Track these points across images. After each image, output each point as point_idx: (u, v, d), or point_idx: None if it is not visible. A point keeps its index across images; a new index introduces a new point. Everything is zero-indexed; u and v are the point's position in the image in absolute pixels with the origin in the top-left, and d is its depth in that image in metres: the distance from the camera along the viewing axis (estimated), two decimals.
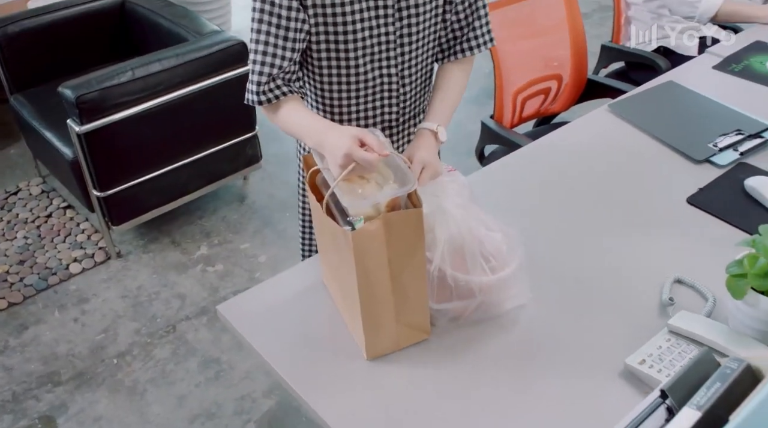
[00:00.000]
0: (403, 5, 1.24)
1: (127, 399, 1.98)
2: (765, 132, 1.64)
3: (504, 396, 1.07)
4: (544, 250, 1.32)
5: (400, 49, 1.29)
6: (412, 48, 1.30)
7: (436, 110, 1.31)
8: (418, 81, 1.36)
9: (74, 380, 2.05)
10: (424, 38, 1.31)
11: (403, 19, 1.25)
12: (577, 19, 2.21)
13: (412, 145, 1.25)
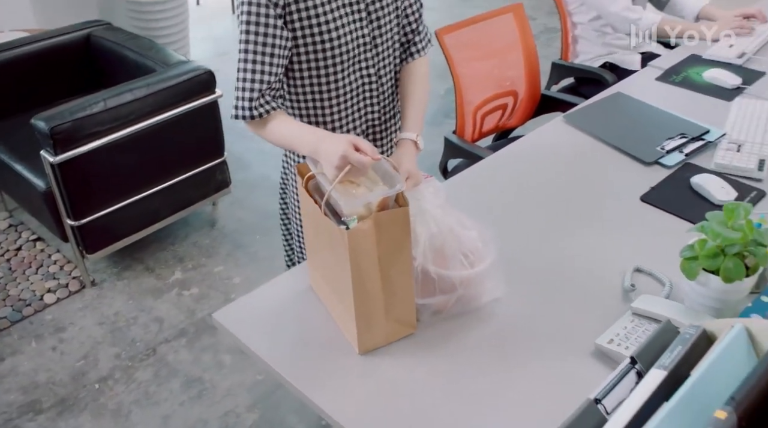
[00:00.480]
0: (371, 9, 1.37)
1: (111, 422, 2.01)
2: (706, 135, 1.79)
3: (487, 380, 1.16)
4: (514, 249, 1.42)
5: (374, 50, 1.41)
6: (384, 48, 1.43)
7: (411, 119, 1.43)
8: (391, 81, 1.48)
9: (56, 407, 2.06)
10: (391, 38, 1.44)
11: (373, 21, 1.38)
12: (529, 40, 2.36)
13: (397, 155, 1.36)
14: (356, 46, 1.38)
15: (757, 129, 1.81)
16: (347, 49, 1.36)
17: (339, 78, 1.39)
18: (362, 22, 1.37)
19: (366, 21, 1.37)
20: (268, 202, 2.96)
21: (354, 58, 1.39)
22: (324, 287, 1.30)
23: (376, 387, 1.16)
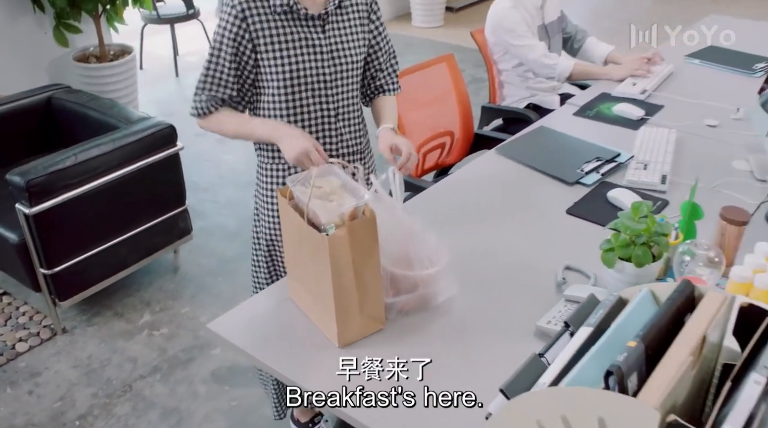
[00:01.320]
0: (334, 51, 1.65)
1: None
2: (617, 157, 2.09)
3: (448, 364, 1.36)
4: (464, 254, 1.65)
5: (335, 89, 1.67)
6: (345, 88, 1.70)
7: (387, 117, 1.75)
8: (351, 119, 1.74)
9: None
10: (352, 80, 1.71)
11: (335, 64, 1.65)
12: (461, 86, 2.65)
13: (385, 138, 1.67)
14: (317, 82, 1.65)
15: (659, 151, 2.11)
16: (308, 84, 1.64)
17: (302, 110, 1.67)
18: (324, 62, 1.63)
19: (329, 63, 1.63)
20: (226, 248, 3.14)
21: (315, 92, 1.65)
22: (303, 294, 1.49)
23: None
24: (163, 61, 5.40)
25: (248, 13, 1.60)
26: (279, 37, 1.62)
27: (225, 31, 1.61)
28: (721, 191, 1.94)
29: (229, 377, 2.40)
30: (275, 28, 1.62)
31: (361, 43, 1.72)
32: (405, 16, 6.28)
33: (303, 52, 1.63)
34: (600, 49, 2.96)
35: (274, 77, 1.64)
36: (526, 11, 2.79)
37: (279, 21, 1.62)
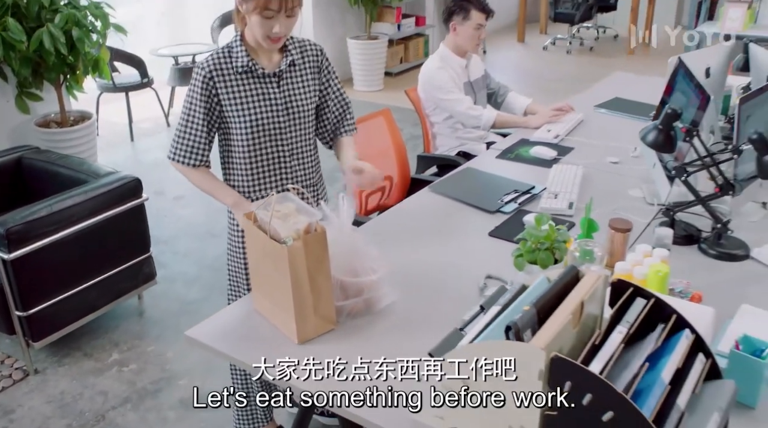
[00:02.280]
0: (288, 103, 1.98)
1: None
2: (532, 190, 2.44)
3: (391, 353, 1.64)
4: (403, 269, 1.94)
5: (289, 134, 1.99)
6: (298, 134, 2.02)
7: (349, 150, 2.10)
8: (304, 158, 2.05)
9: None
10: (305, 126, 2.04)
11: (289, 113, 1.98)
12: (398, 137, 3.00)
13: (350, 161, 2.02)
14: (272, 129, 1.97)
15: (568, 184, 2.47)
16: (266, 131, 1.96)
17: (261, 152, 1.99)
18: (279, 112, 1.95)
19: (283, 113, 1.95)
20: (187, 292, 3.36)
21: (271, 138, 1.97)
22: (266, 303, 1.76)
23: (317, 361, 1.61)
24: (118, 127, 5.66)
25: (215, 73, 1.91)
26: (241, 93, 1.94)
27: (196, 88, 1.92)
28: (618, 213, 2.29)
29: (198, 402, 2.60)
30: (237, 85, 1.93)
31: (312, 94, 2.04)
32: (347, 80, 6.71)
33: (261, 104, 1.95)
34: (520, 101, 3.37)
35: (237, 126, 1.95)
36: (453, 70, 3.18)
37: (241, 79, 1.94)
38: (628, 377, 1.23)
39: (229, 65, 1.94)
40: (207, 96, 1.92)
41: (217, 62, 1.93)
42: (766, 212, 2.35)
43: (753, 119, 2.16)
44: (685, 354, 1.33)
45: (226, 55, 1.95)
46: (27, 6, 3.69)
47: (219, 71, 1.92)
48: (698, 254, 2.10)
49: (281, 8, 1.83)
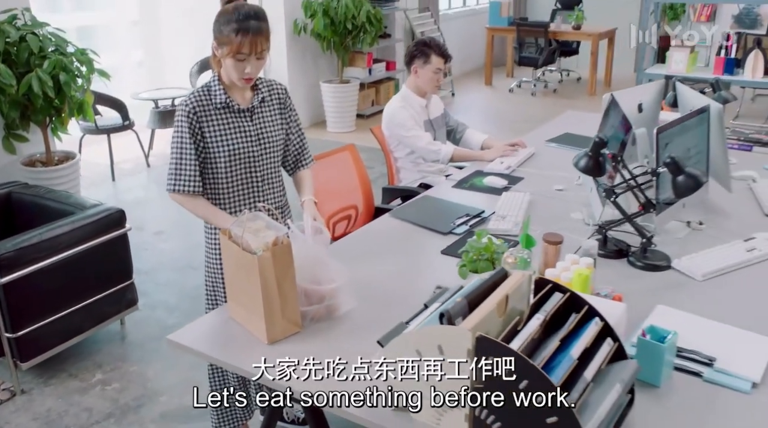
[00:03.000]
0: (260, 135, 2.25)
1: None
2: (482, 214, 2.70)
3: (352, 355, 1.87)
4: (362, 281, 2.18)
5: (261, 162, 2.24)
6: (269, 162, 2.27)
7: (307, 189, 2.34)
8: (273, 183, 2.30)
9: None
10: (274, 156, 2.30)
11: (261, 144, 2.24)
12: (362, 170, 3.26)
13: (310, 211, 2.22)
14: (246, 159, 2.21)
15: (515, 208, 2.73)
16: (241, 160, 2.20)
17: (236, 179, 2.23)
18: (252, 144, 2.20)
19: (256, 144, 2.20)
20: (167, 318, 3.56)
21: (246, 165, 2.21)
22: (240, 310, 1.98)
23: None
24: (100, 168, 5.88)
25: (197, 109, 2.16)
26: (220, 126, 2.18)
27: (183, 123, 2.15)
28: (560, 232, 2.55)
29: (176, 416, 2.79)
30: (216, 119, 2.18)
31: (279, 127, 2.31)
32: (320, 122, 7.01)
33: (237, 136, 2.20)
34: (477, 137, 3.66)
35: (216, 155, 2.18)
36: (413, 109, 3.47)
37: (219, 114, 2.19)
38: (544, 355, 1.47)
39: (209, 102, 2.19)
40: (192, 129, 2.16)
41: (198, 100, 2.19)
42: (690, 230, 2.62)
43: (671, 146, 2.44)
44: (593, 336, 1.57)
45: (205, 93, 2.21)
46: (17, 52, 3.94)
47: (200, 107, 2.18)
48: (627, 266, 2.36)
49: (251, 52, 2.10)
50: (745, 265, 2.33)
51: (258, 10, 2.14)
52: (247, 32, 2.07)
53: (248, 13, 2.09)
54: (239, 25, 2.07)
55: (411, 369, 1.52)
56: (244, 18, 2.08)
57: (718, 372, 1.74)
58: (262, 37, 2.11)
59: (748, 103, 7.80)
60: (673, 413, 1.64)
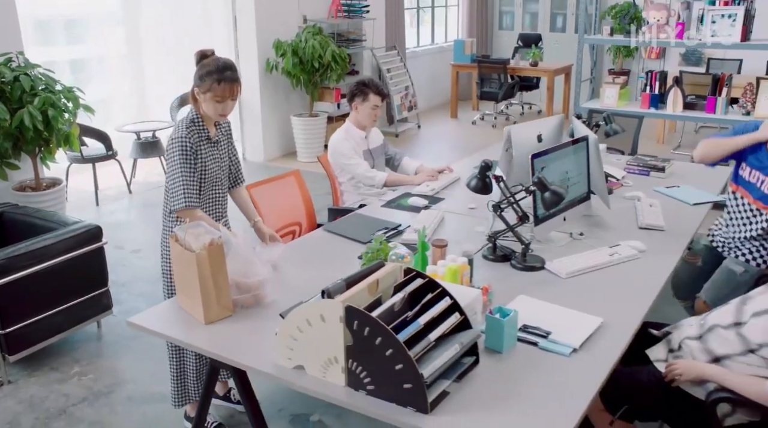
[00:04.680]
0: (223, 162, 2.80)
1: None
2: (398, 227, 3.23)
3: (270, 331, 2.37)
4: (291, 279, 2.70)
5: (222, 183, 2.82)
6: (225, 183, 2.85)
7: (251, 212, 2.93)
8: (225, 200, 2.86)
9: None
10: (226, 177, 2.86)
11: (222, 169, 2.81)
12: (305, 191, 3.79)
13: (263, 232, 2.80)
14: (217, 180, 2.78)
15: (428, 222, 3.27)
16: (211, 179, 2.76)
17: (209, 195, 2.80)
18: (221, 168, 2.78)
19: (220, 169, 2.77)
20: None
21: (214, 185, 2.80)
22: (185, 298, 2.49)
23: (218, 334, 2.34)
24: (85, 194, 6.40)
25: (194, 140, 2.70)
26: (206, 155, 2.73)
27: (187, 151, 2.67)
28: (461, 242, 3.08)
29: (141, 400, 3.28)
30: (205, 150, 2.74)
31: (228, 156, 2.85)
32: (291, 153, 7.57)
33: (214, 163, 2.75)
34: (411, 164, 4.20)
35: (201, 178, 2.73)
36: (354, 141, 4.02)
37: (204, 145, 2.74)
38: (397, 321, 1.98)
39: (199, 135, 2.73)
40: (191, 157, 2.69)
41: (192, 133, 2.71)
42: (571, 240, 3.15)
43: (547, 170, 2.99)
44: (441, 310, 2.09)
45: (196, 128, 2.74)
46: (11, 91, 4.49)
47: (196, 139, 2.72)
48: (510, 268, 2.88)
49: (229, 96, 2.66)
50: (603, 267, 2.85)
51: (230, 63, 2.73)
52: (226, 81, 2.64)
53: (224, 66, 2.67)
54: (219, 76, 2.64)
55: (302, 334, 2.04)
56: (222, 70, 2.65)
57: (550, 342, 2.25)
58: (236, 83, 2.68)
59: (691, 134, 8.41)
60: (509, 371, 2.14)
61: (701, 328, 2.39)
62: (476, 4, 10.75)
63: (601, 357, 2.19)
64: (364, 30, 8.19)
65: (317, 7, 7.68)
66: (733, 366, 2.23)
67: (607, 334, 2.32)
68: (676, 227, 3.28)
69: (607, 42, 6.41)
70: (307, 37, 6.96)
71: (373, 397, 1.97)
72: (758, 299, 2.26)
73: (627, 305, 2.51)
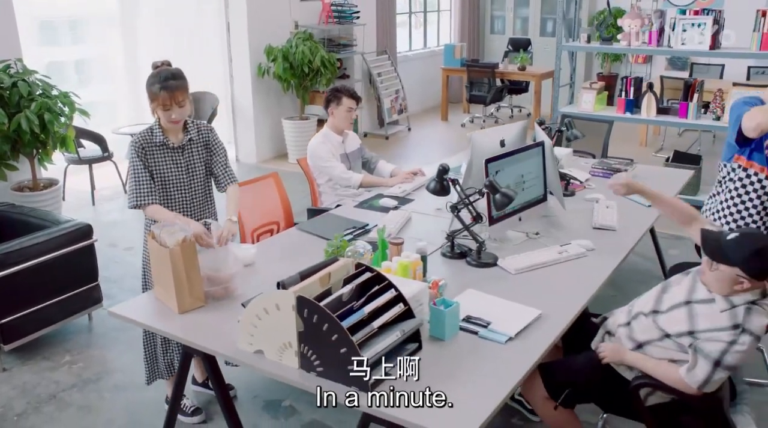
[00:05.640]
0: (189, 166, 3.01)
1: None
2: (365, 226, 3.46)
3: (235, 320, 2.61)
4: (263, 274, 2.93)
5: (188, 186, 3.02)
6: (194, 185, 3.05)
7: (231, 209, 3.04)
8: (198, 201, 3.08)
9: None
10: (199, 181, 3.06)
11: (188, 174, 3.01)
12: (283, 193, 4.03)
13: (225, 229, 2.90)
14: (178, 183, 2.98)
15: (395, 222, 3.50)
16: (173, 184, 2.97)
17: (172, 199, 3.00)
18: (181, 172, 2.98)
19: (184, 172, 2.99)
20: None
21: (178, 189, 2.99)
22: (161, 290, 2.73)
23: (190, 323, 2.58)
24: (81, 194, 6.65)
25: (144, 145, 2.93)
26: (158, 160, 2.95)
27: (135, 155, 2.91)
28: (422, 240, 3.31)
29: (127, 387, 3.52)
30: (156, 154, 2.95)
31: (204, 160, 3.07)
32: (283, 155, 7.82)
33: (170, 167, 2.97)
34: (387, 167, 4.44)
35: (156, 182, 2.94)
36: (331, 144, 4.25)
37: (158, 150, 2.96)
38: (343, 310, 2.21)
39: (151, 141, 2.96)
40: (142, 161, 2.92)
41: (143, 138, 2.95)
42: (527, 239, 3.38)
43: (502, 173, 3.22)
44: (386, 300, 2.32)
45: (149, 134, 2.97)
46: (9, 96, 4.74)
47: (146, 144, 2.94)
48: (465, 265, 3.11)
49: (173, 104, 2.88)
50: (552, 264, 3.07)
51: (175, 71, 2.93)
52: (168, 89, 2.86)
53: (167, 75, 2.88)
54: (162, 85, 2.86)
55: (261, 321, 2.28)
56: (165, 79, 2.87)
57: (490, 331, 2.48)
58: (179, 91, 2.89)
59: (674, 137, 8.63)
60: (449, 357, 2.37)
61: (629, 315, 2.61)
62: (468, 9, 10.98)
63: (533, 345, 2.42)
64: (355, 35, 8.43)
65: (308, 13, 7.93)
66: (653, 350, 2.46)
67: (543, 325, 2.55)
68: (626, 228, 3.50)
69: (583, 49, 6.63)
70: (298, 42, 7.20)
71: (322, 378, 2.21)
72: (674, 290, 2.49)
73: (567, 299, 2.74)
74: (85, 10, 7.21)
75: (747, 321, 2.26)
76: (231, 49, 7.55)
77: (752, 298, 2.30)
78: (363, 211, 3.80)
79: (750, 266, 2.24)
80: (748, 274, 2.25)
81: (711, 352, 2.27)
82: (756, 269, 2.25)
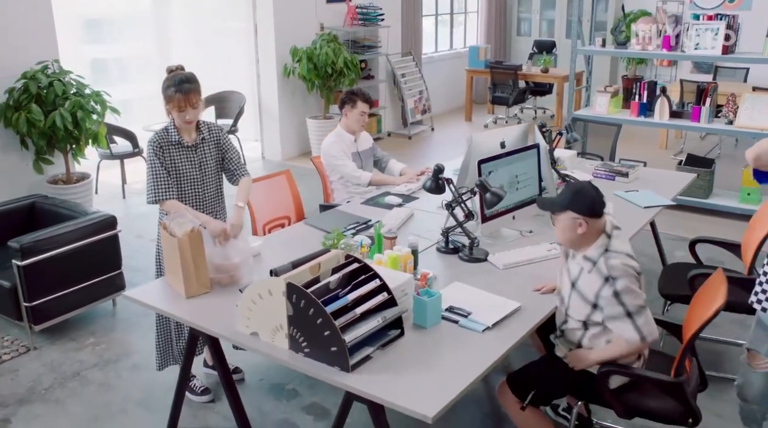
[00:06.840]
0: (201, 163, 3.24)
1: (58, 404, 3.45)
2: (368, 222, 3.67)
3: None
4: (269, 264, 3.16)
5: (200, 182, 3.25)
6: (207, 181, 3.28)
7: (240, 197, 3.26)
8: (210, 196, 3.31)
9: (18, 404, 3.48)
10: (212, 178, 3.29)
11: (201, 171, 3.24)
12: (294, 189, 4.26)
13: (234, 216, 3.15)
14: (191, 179, 3.22)
15: (397, 218, 3.70)
16: (187, 181, 3.21)
17: (187, 195, 3.23)
18: (195, 169, 3.22)
19: (197, 169, 3.23)
20: None
21: (191, 186, 3.22)
22: (171, 276, 2.97)
23: (195, 308, 2.82)
24: (113, 188, 6.98)
25: (162, 144, 3.18)
26: (174, 157, 3.20)
27: (152, 153, 3.16)
28: (422, 236, 3.50)
29: (144, 367, 3.79)
30: (172, 152, 3.20)
31: (215, 158, 3.31)
32: (306, 153, 8.06)
33: (185, 164, 3.21)
34: (397, 166, 4.64)
35: (171, 177, 3.19)
36: (344, 143, 4.47)
37: (174, 148, 3.21)
38: (328, 296, 2.43)
39: (167, 139, 3.21)
40: (159, 159, 3.17)
41: (160, 137, 3.20)
42: (520, 236, 3.55)
43: (495, 174, 3.40)
44: (370, 289, 2.52)
45: (165, 133, 3.23)
46: (46, 95, 5.06)
47: (163, 142, 3.19)
48: (458, 260, 3.30)
49: (188, 105, 3.13)
50: (540, 260, 3.25)
51: (189, 75, 3.18)
52: (182, 92, 3.10)
53: (182, 79, 3.13)
54: (177, 88, 3.10)
55: (256, 305, 2.50)
56: (179, 83, 3.11)
57: (469, 321, 2.67)
58: (192, 94, 3.13)
59: (696, 140, 8.66)
60: (429, 343, 2.56)
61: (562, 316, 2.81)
62: (495, 11, 11.11)
63: (508, 335, 2.60)
64: (380, 37, 8.63)
65: (334, 15, 8.16)
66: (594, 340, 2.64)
67: (520, 317, 2.73)
68: None
69: (599, 53, 6.73)
70: (322, 44, 7.43)
71: (309, 358, 2.42)
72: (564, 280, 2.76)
73: (547, 294, 2.91)
74: (123, 10, 7.55)
75: (609, 268, 2.54)
76: (258, 50, 7.82)
77: (603, 247, 2.60)
78: (369, 207, 4.01)
79: (577, 204, 2.57)
80: (578, 212, 2.57)
81: (615, 312, 2.54)
82: (581, 204, 2.57)
